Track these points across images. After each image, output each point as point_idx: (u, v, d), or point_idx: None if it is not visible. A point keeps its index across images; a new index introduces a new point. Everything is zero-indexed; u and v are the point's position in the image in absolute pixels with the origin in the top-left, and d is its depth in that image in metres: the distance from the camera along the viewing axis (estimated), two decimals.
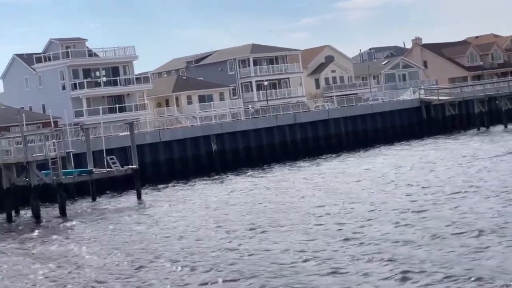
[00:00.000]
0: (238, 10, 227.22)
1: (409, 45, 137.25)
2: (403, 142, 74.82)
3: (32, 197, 44.70)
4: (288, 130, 72.89)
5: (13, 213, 46.00)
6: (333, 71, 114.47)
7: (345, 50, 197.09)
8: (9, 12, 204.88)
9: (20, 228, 41.80)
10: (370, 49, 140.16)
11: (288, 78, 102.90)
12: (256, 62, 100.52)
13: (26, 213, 46.64)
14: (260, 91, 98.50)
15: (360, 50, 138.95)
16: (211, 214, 38.91)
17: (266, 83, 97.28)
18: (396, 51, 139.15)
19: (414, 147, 69.32)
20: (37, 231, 39.73)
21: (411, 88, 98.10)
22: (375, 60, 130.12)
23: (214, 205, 42.39)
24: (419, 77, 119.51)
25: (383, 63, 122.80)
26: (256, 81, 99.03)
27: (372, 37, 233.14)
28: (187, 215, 39.75)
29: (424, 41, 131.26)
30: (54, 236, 37.02)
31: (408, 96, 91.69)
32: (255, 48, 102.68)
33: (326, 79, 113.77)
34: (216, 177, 59.76)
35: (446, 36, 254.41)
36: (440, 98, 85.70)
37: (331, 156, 67.78)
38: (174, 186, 56.01)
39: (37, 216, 44.14)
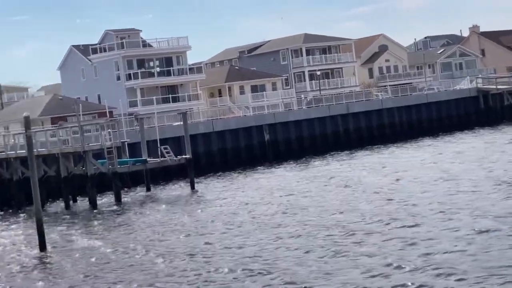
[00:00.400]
0: (291, 0, 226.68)
1: (466, 33, 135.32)
2: (461, 132, 73.53)
3: (89, 186, 45.57)
4: (341, 120, 72.69)
5: (71, 201, 47.00)
6: (387, 60, 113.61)
7: (399, 39, 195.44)
8: (67, 3, 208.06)
9: (78, 215, 42.69)
10: (425, 37, 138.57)
11: (341, 67, 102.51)
12: (309, 52, 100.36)
13: (83, 201, 47.57)
14: (313, 81, 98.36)
15: (415, 39, 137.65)
16: (266, 202, 39.20)
17: (319, 72, 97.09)
18: (452, 40, 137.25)
19: (478, 135, 68.17)
20: (94, 218, 40.56)
21: (468, 77, 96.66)
22: (431, 49, 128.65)
23: (271, 193, 42.65)
24: (476, 65, 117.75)
25: (439, 51, 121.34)
26: (309, 71, 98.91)
27: (428, 25, 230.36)
28: (239, 203, 40.08)
29: (482, 29, 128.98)
30: (111, 224, 37.76)
31: (465, 85, 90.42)
32: (308, 37, 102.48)
33: (380, 69, 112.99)
34: (268, 166, 59.96)
35: (504, 24, 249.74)
36: (499, 87, 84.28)
37: (383, 146, 67.33)
38: (227, 175, 56.42)
39: (93, 204, 45.00)
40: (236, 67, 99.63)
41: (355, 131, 73.29)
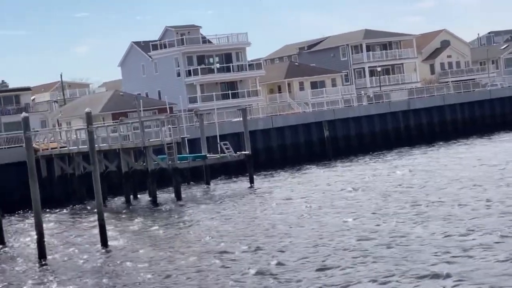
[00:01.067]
0: None
1: None
2: None
3: (149, 181, 45.90)
4: (401, 116, 71.84)
5: (132, 197, 47.44)
6: (449, 56, 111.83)
7: (462, 34, 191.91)
8: (127, 1, 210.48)
9: (138, 211, 43.03)
10: (489, 32, 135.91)
11: (402, 63, 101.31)
12: (369, 48, 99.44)
13: (143, 197, 47.95)
14: (373, 77, 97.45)
15: (478, 34, 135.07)
16: (322, 199, 38.91)
17: (379, 69, 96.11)
18: None
19: None
20: (154, 214, 40.83)
21: None
22: (494, 44, 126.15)
23: (329, 191, 42.35)
24: None
25: (503, 47, 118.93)
26: (369, 67, 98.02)
27: (491, 20, 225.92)
28: (297, 200, 39.87)
29: None
30: (171, 219, 37.94)
31: None
32: (368, 33, 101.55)
33: (442, 64, 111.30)
34: (328, 163, 59.58)
35: None
36: None
37: (444, 143, 66.30)
38: (286, 172, 56.24)
39: (154, 200, 45.30)
40: (296, 63, 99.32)
41: (416, 127, 72.35)
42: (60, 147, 51.35)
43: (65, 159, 50.99)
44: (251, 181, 49.37)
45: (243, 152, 50.48)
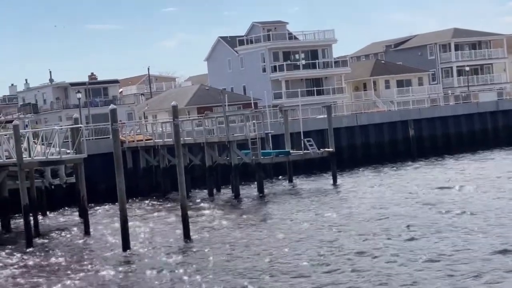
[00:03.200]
0: None
1: None
2: None
3: (232, 175, 46.16)
4: (489, 117, 70.21)
5: (215, 190, 47.82)
6: None
7: None
8: None
9: (221, 204, 43.33)
10: None
11: (491, 63, 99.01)
12: (457, 47, 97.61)
13: (226, 191, 48.26)
14: (461, 77, 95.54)
15: None
16: (407, 201, 38.35)
17: (467, 68, 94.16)
18: None
19: None
20: (237, 208, 41.04)
21: None
22: None
23: (414, 191, 41.74)
24: None
25: None
26: (457, 66, 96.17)
27: None
28: (385, 200, 39.40)
29: None
30: (254, 215, 38.03)
31: None
32: (457, 32, 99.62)
33: None
34: (413, 162, 58.70)
35: None
36: None
37: None
38: (370, 170, 55.67)
39: (236, 194, 45.54)
40: (382, 61, 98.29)
41: (504, 129, 70.59)
42: (146, 140, 52.17)
43: (150, 152, 51.76)
44: (334, 179, 49.04)
45: (327, 149, 50.19)
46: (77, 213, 40.65)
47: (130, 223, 31.84)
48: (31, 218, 34.65)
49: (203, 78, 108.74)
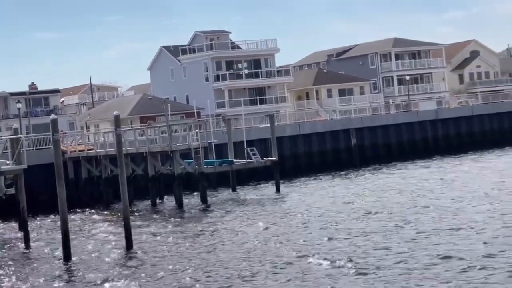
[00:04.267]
0: (380, 4, 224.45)
1: None
2: None
3: (175, 185, 45.96)
4: (429, 126, 71.40)
5: (158, 200, 47.56)
6: (478, 66, 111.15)
7: (491, 45, 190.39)
8: (157, 4, 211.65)
9: (164, 214, 43.10)
10: None
11: (430, 73, 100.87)
12: (398, 57, 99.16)
13: (170, 200, 48.03)
14: (402, 86, 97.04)
15: (508, 45, 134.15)
16: (350, 208, 38.72)
17: (407, 77, 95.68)
18: None
19: None
20: (180, 218, 40.86)
21: None
22: None
23: (352, 198, 42.17)
24: None
25: None
26: (397, 75, 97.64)
27: None
28: (327, 208, 39.70)
29: None
30: (196, 224, 37.94)
31: None
32: (398, 42, 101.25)
33: (471, 74, 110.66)
34: (355, 171, 59.33)
35: None
36: None
37: (476, 153, 65.71)
38: (313, 179, 56.06)
39: (179, 204, 45.37)
40: (324, 70, 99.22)
41: (444, 138, 71.88)
42: (88, 150, 51.65)
43: (92, 162, 51.27)
44: (277, 188, 49.27)
45: (270, 158, 50.42)
46: (17, 225, 39.96)
47: (71, 234, 31.44)
48: None
49: (146, 87, 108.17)
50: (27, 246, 34.43)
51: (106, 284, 25.67)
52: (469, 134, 73.40)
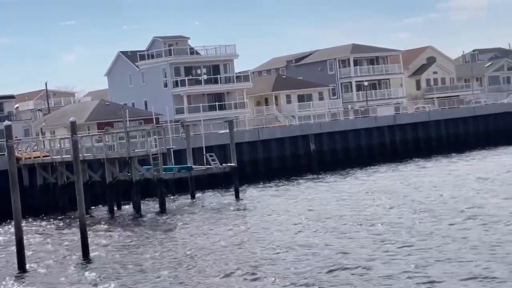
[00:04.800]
0: (339, 10, 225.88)
1: None
2: (508, 147, 72.36)
3: (133, 192, 45.50)
4: (387, 131, 71.88)
5: (115, 207, 46.99)
6: (434, 73, 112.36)
7: (447, 51, 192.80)
8: (114, 9, 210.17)
9: (122, 221, 42.59)
10: (473, 50, 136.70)
11: (388, 79, 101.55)
12: (356, 62, 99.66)
13: (128, 207, 47.51)
14: (360, 92, 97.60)
15: (463, 51, 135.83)
16: (307, 212, 38.66)
17: (366, 83, 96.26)
18: (501, 53, 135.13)
19: None
20: (137, 224, 40.40)
21: None
22: (479, 62, 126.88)
23: (310, 204, 42.12)
24: None
25: (487, 65, 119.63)
26: (356, 81, 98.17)
27: (476, 38, 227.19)
28: (284, 214, 39.60)
29: None
30: (154, 230, 37.54)
31: None
32: (356, 48, 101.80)
33: (428, 81, 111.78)
34: (314, 176, 59.40)
35: None
36: None
37: (431, 159, 66.29)
38: (272, 185, 55.97)
39: (137, 210, 44.91)
40: (283, 76, 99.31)
41: (401, 143, 72.44)
42: (43, 156, 50.88)
43: (48, 169, 50.50)
44: (236, 194, 49.06)
45: (229, 164, 50.22)
46: None
47: (26, 242, 30.86)
48: None
49: (103, 93, 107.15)
50: None
51: None
52: (426, 139, 74.08)
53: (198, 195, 50.86)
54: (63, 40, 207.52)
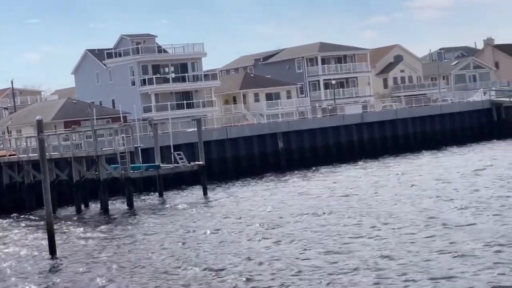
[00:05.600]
0: (306, 8, 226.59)
1: (480, 46, 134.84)
2: (472, 144, 73.32)
3: (101, 190, 45.34)
4: (355, 129, 72.32)
5: (83, 206, 46.77)
6: (402, 71, 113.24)
7: (414, 50, 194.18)
8: (79, 7, 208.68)
9: (89, 220, 42.43)
10: (440, 49, 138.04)
11: (356, 77, 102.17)
12: (324, 61, 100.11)
13: (95, 206, 47.33)
14: (328, 90, 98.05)
15: (430, 50, 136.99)
16: (273, 212, 38.83)
17: (333, 82, 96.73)
18: (467, 52, 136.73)
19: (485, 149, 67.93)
20: (105, 223, 40.28)
21: (481, 89, 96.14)
22: (445, 60, 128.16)
23: (278, 203, 42.29)
24: (490, 78, 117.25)
25: (453, 63, 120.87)
26: (323, 79, 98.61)
27: (442, 37, 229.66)
28: (251, 212, 39.75)
29: (496, 42, 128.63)
30: (122, 229, 37.47)
31: (478, 97, 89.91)
32: (323, 46, 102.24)
33: (395, 79, 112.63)
34: (281, 175, 59.63)
35: None
36: None
37: (398, 156, 66.89)
38: (240, 183, 56.08)
39: (105, 209, 44.77)
40: (251, 75, 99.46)
41: (369, 141, 72.92)
42: (10, 155, 50.46)
43: (14, 167, 50.13)
44: (205, 192, 49.10)
45: (197, 163, 50.24)
46: None
47: None
48: None
49: (70, 91, 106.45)
50: None
51: None
52: (393, 137, 74.65)
53: (166, 193, 50.78)
54: (28, 38, 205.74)
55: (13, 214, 46.75)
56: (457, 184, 43.52)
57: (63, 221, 42.16)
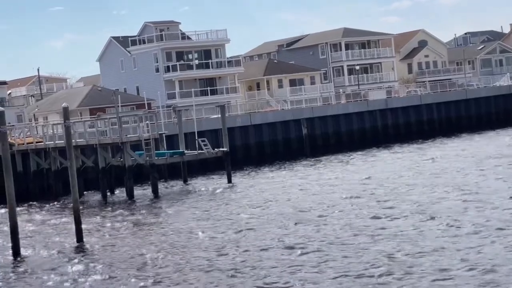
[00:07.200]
0: None
1: (507, 30, 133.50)
2: (502, 128, 72.61)
3: (126, 177, 45.69)
4: (379, 115, 72.15)
5: (108, 192, 47.22)
6: (426, 56, 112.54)
7: (439, 34, 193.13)
8: None
9: (115, 206, 42.83)
10: (465, 33, 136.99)
11: (380, 62, 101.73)
12: (348, 46, 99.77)
13: (120, 193, 47.74)
14: (352, 76, 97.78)
15: (455, 34, 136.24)
16: (301, 197, 38.97)
17: (357, 67, 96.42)
18: (493, 36, 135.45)
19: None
20: (130, 210, 40.65)
21: (508, 73, 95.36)
22: (471, 45, 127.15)
23: (302, 189, 42.42)
24: None
25: (479, 48, 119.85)
26: (347, 65, 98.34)
27: (468, 21, 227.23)
28: (277, 198, 39.89)
29: None
30: (147, 215, 37.81)
31: (504, 82, 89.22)
32: (347, 32, 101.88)
33: (419, 64, 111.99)
34: (305, 161, 59.68)
35: None
36: None
37: (426, 142, 66.66)
38: (264, 169, 56.22)
39: (130, 195, 45.13)
40: (275, 61, 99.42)
41: (393, 126, 72.75)
42: (36, 142, 51.01)
43: (41, 154, 50.67)
44: (229, 178, 49.27)
45: (221, 149, 50.42)
46: None
47: (20, 228, 31.05)
48: None
49: (95, 78, 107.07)
50: None
51: (57, 278, 25.43)
52: (418, 123, 74.41)
53: (190, 180, 51.06)
54: (53, 26, 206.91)
55: (40, 200, 47.31)
56: None
57: (89, 208, 42.63)
